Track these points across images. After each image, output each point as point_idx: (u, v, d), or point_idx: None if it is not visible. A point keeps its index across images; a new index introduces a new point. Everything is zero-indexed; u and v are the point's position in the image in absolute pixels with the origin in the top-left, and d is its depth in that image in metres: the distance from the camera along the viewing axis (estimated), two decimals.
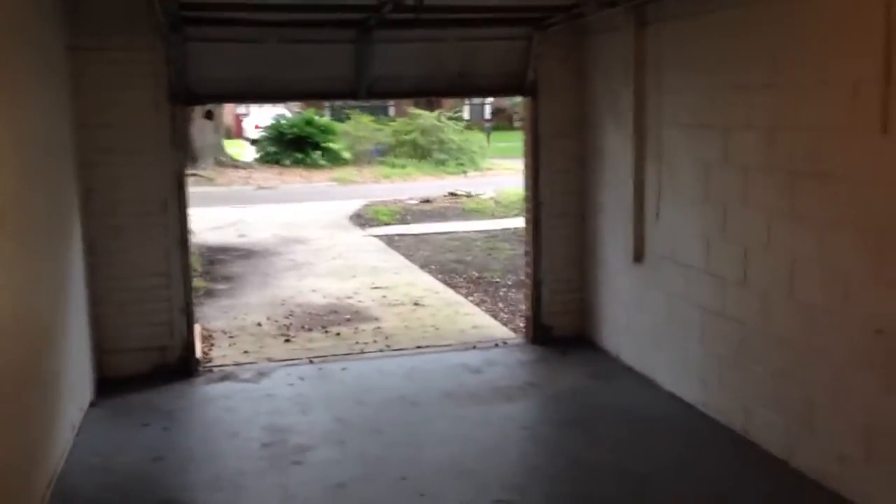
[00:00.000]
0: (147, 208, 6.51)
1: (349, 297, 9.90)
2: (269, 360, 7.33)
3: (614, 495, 4.72)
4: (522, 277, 8.17)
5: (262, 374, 6.87)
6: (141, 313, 6.63)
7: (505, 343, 7.73)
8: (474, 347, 7.60)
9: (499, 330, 8.42)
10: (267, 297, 9.93)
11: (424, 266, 12.08)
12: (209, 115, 9.37)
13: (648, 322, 6.51)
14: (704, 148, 5.66)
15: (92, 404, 6.03)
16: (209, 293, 10.19)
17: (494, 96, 8.90)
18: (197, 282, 10.56)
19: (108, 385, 6.39)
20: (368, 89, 7.11)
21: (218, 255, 12.80)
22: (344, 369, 7.02)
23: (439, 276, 11.37)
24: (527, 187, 7.64)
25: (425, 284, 10.77)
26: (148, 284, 6.62)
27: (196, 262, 11.90)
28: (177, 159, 6.59)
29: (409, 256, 12.86)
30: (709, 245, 5.66)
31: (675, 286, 6.08)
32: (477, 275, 11.43)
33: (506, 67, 7.32)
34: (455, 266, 12.07)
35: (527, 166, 7.57)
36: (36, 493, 4.39)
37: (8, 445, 3.93)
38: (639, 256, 6.57)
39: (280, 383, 6.65)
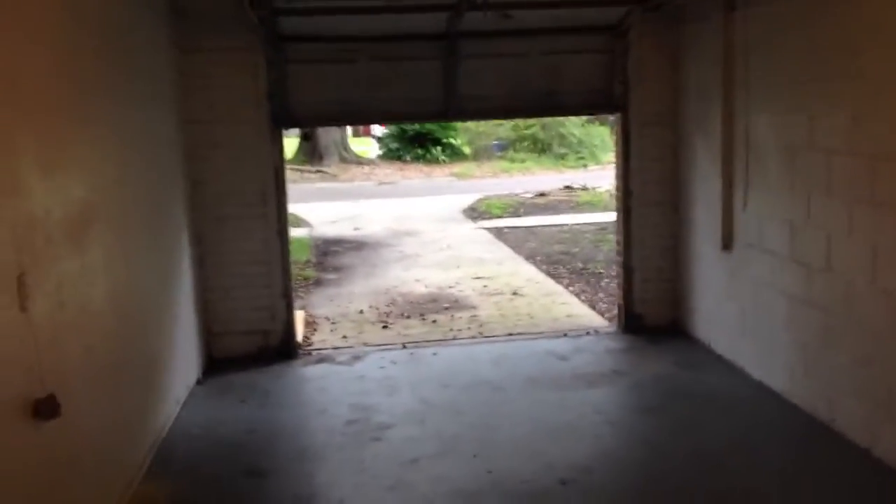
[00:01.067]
0: (248, 200, 6.94)
1: (451, 287, 10.14)
2: (366, 344, 7.66)
3: (683, 477, 4.70)
4: None
5: (356, 358, 7.19)
6: (245, 298, 7.08)
7: (596, 332, 7.74)
8: (565, 335, 7.66)
9: (593, 319, 8.44)
10: (372, 287, 10.31)
11: (530, 257, 12.17)
12: (306, 137, 9.84)
13: (737, 310, 6.38)
14: (790, 134, 5.52)
15: (198, 382, 6.52)
16: (318, 282, 10.67)
17: (581, 114, 8.91)
18: (308, 272, 11.13)
19: (216, 365, 6.89)
20: (456, 109, 7.31)
21: (331, 247, 13.34)
22: (435, 354, 7.24)
23: (543, 267, 11.43)
24: (617, 177, 7.63)
25: (527, 275, 10.87)
26: (250, 272, 7.05)
27: (310, 254, 12.51)
28: (275, 154, 6.98)
29: (515, 248, 12.98)
30: (793, 232, 5.51)
31: (762, 274, 5.95)
32: (581, 266, 11.42)
33: (591, 83, 7.37)
34: (560, 257, 12.09)
35: (617, 155, 7.55)
36: (138, 456, 4.84)
37: (115, 412, 4.37)
38: (727, 244, 6.45)
39: (372, 366, 6.94)
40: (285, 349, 7.17)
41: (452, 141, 28.95)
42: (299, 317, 8.00)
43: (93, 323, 4.07)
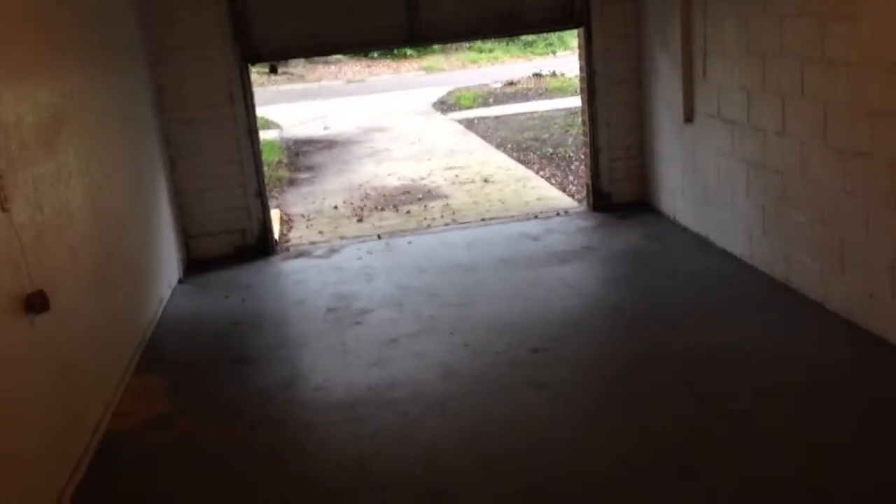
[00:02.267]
0: (214, 101, 6.94)
1: (423, 179, 10.26)
2: (342, 238, 7.82)
3: (650, 340, 4.96)
4: None
5: (333, 251, 7.37)
6: (220, 199, 7.18)
7: (566, 212, 7.94)
8: (536, 217, 7.86)
9: (563, 201, 8.63)
10: (345, 183, 10.41)
11: (500, 146, 12.27)
12: (273, 70, 9.72)
13: (700, 181, 6.58)
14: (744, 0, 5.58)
15: (180, 281, 6.69)
16: (292, 182, 10.75)
17: (545, 31, 8.92)
18: (281, 172, 11.18)
19: (195, 265, 7.05)
20: (420, 34, 7.30)
21: (302, 147, 13.35)
22: (409, 243, 7.43)
23: (514, 154, 11.56)
24: (580, 57, 7.65)
25: (498, 163, 10.99)
26: (223, 172, 7.13)
27: (281, 155, 12.52)
28: (239, 54, 6.93)
29: (486, 137, 13.06)
30: (750, 98, 5.65)
31: (722, 143, 6.11)
32: (551, 151, 11.54)
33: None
34: (531, 144, 12.20)
35: (579, 35, 7.56)
36: (128, 350, 5.04)
37: (103, 310, 4.53)
38: (689, 117, 6.58)
39: (349, 257, 7.13)
40: (263, 246, 7.33)
41: None
42: (275, 215, 8.12)
43: (73, 224, 4.18)
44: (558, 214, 7.88)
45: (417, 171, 10.70)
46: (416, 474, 3.74)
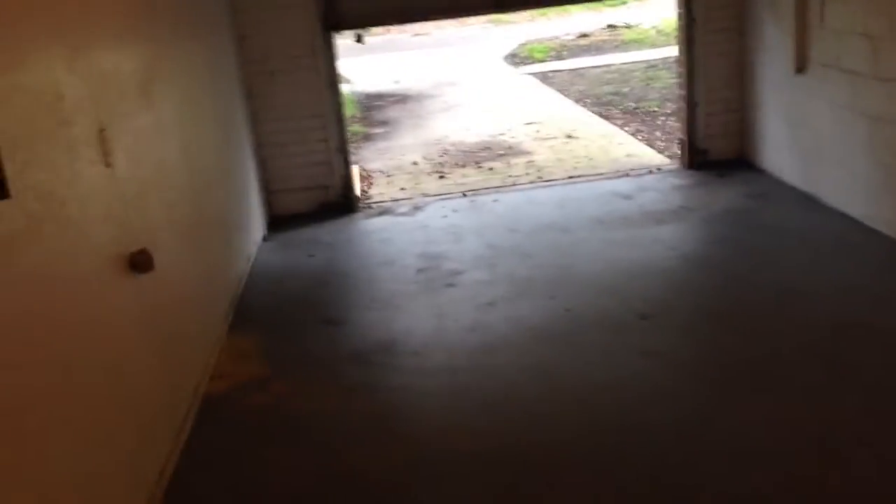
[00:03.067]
0: (297, 52, 6.73)
1: (501, 135, 9.94)
2: (424, 195, 7.60)
3: (763, 305, 4.65)
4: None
5: (417, 209, 7.15)
6: (302, 154, 7.00)
7: (659, 169, 7.57)
8: (627, 175, 7.51)
9: (654, 157, 8.24)
10: (421, 139, 10.16)
11: (579, 100, 11.85)
12: (359, 39, 9.74)
13: (811, 136, 6.14)
14: None
15: (264, 239, 6.56)
16: (367, 137, 10.54)
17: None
18: (355, 127, 10.98)
19: (278, 222, 6.91)
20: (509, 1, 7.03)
21: (375, 102, 13.11)
22: (495, 201, 7.16)
23: (594, 109, 11.13)
24: (679, 5, 7.20)
25: (579, 118, 10.60)
26: (305, 126, 6.94)
27: (354, 109, 12.32)
28: (322, 5, 6.69)
29: (563, 92, 12.63)
30: (875, 47, 5.19)
31: (840, 95, 5.66)
32: (634, 106, 11.09)
33: None
34: (611, 98, 11.75)
35: None
36: (220, 313, 4.91)
37: (197, 268, 4.40)
38: (801, 67, 6.13)
39: (434, 216, 6.90)
40: (345, 203, 7.14)
41: None
42: (354, 172, 7.92)
43: (170, 179, 4.03)
44: (651, 172, 7.51)
45: (495, 127, 10.38)
46: (522, 446, 3.53)
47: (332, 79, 6.88)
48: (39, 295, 2.44)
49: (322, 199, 7.12)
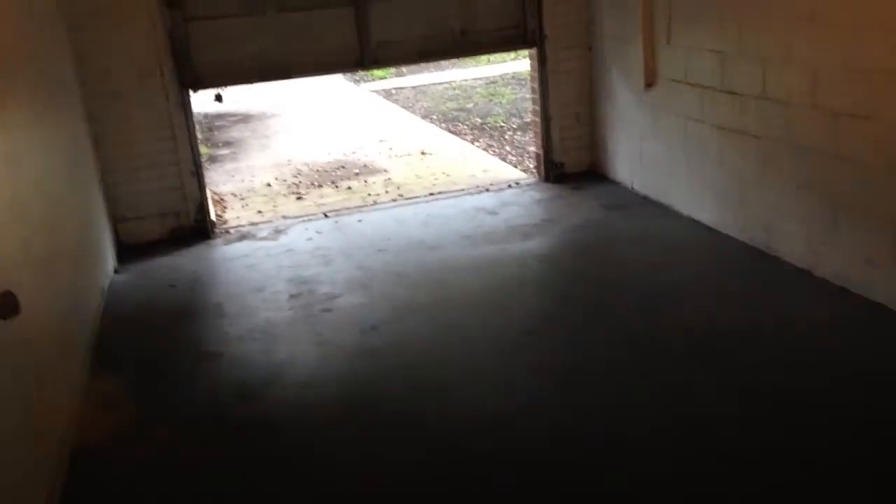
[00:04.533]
0: (142, 71, 6.31)
1: (354, 152, 9.80)
2: (284, 217, 7.33)
3: (649, 315, 4.75)
4: (527, 120, 8.05)
5: (278, 232, 6.88)
6: (152, 179, 6.56)
7: (518, 183, 7.69)
8: (487, 190, 7.58)
9: (510, 172, 8.38)
10: (272, 159, 9.84)
11: (426, 116, 11.91)
12: (219, 98, 9.31)
13: (662, 148, 6.44)
14: None
15: (115, 271, 6.07)
16: (213, 159, 10.08)
17: (499, 52, 8.49)
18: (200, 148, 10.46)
19: (129, 252, 6.42)
20: (371, 57, 6.96)
21: (216, 122, 12.59)
22: (360, 221, 7.02)
23: (442, 125, 11.22)
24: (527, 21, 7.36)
25: (430, 134, 10.64)
26: (154, 149, 6.51)
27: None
28: (168, 21, 6.31)
29: (409, 108, 12.66)
30: (724, 62, 5.51)
31: (690, 108, 5.97)
32: (480, 121, 11.27)
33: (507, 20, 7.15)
34: (457, 114, 11.89)
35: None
36: (80, 352, 4.47)
37: (53, 310, 3.96)
38: (651, 82, 6.42)
39: (298, 238, 6.66)
40: (201, 229, 6.76)
41: None
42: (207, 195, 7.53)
43: (25, 213, 3.61)
44: (510, 186, 7.62)
45: (347, 145, 10.21)
46: (420, 481, 3.42)
47: (183, 99, 6.51)
48: None
49: (174, 224, 6.71)
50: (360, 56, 6.92)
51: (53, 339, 3.81)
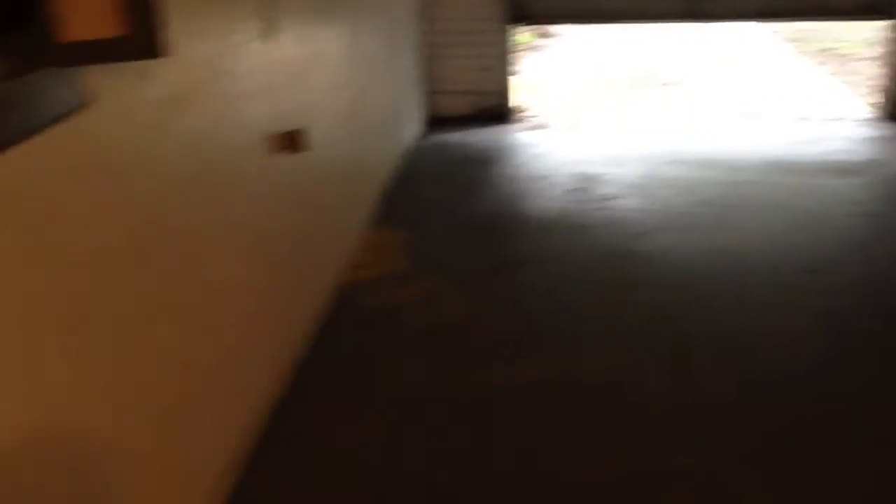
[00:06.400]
0: None
1: (667, 63, 9.32)
2: (585, 112, 7.24)
3: None
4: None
5: (575, 126, 6.84)
6: (465, 57, 6.80)
7: (852, 117, 6.87)
8: (814, 118, 6.86)
9: (848, 103, 7.49)
10: (587, 55, 9.69)
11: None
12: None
13: None
14: None
15: (421, 137, 6.47)
16: (533, 47, 10.16)
17: (849, 19, 7.11)
18: (522, 37, 10.61)
19: (436, 122, 6.81)
20: (702, 10, 6.51)
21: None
22: (660, 133, 6.72)
23: (787, 45, 10.25)
24: None
25: (762, 50, 9.78)
26: (471, 29, 6.71)
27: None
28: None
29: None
30: None
31: None
32: (832, 46, 10.12)
33: None
34: (804, 35, 10.77)
35: None
36: (368, 202, 4.88)
37: (349, 160, 4.32)
38: None
39: (594, 138, 6.57)
40: (503, 112, 6.94)
41: None
42: (516, 82, 7.65)
43: (334, 63, 3.93)
44: (842, 119, 6.83)
45: (661, 56, 9.73)
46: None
47: None
48: (194, 162, 2.38)
49: (480, 104, 6.93)
50: (690, 6, 6.58)
51: (343, 183, 4.17)
